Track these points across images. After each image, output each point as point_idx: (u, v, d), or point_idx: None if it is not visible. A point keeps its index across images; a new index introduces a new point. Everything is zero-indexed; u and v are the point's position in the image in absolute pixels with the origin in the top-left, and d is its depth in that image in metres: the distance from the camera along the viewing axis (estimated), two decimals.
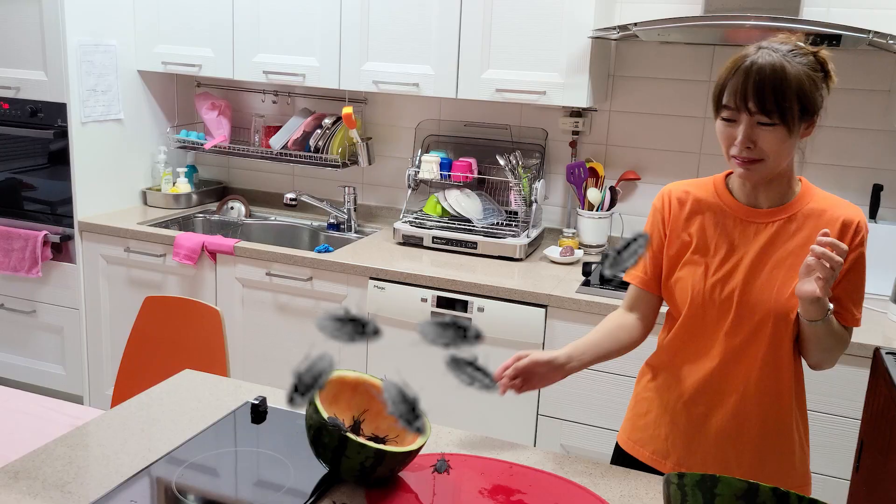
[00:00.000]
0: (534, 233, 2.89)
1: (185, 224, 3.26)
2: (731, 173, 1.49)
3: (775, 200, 1.44)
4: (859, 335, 2.20)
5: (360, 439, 1.25)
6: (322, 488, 1.32)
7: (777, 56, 1.30)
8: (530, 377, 1.47)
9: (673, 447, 1.51)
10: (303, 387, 1.27)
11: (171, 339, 2.16)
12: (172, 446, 1.43)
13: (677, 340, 1.51)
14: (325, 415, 1.26)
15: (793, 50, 1.33)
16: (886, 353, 2.00)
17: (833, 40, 2.27)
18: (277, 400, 1.62)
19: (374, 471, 1.28)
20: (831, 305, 1.35)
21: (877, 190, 2.61)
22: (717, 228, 1.47)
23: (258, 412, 1.56)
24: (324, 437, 1.26)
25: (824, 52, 1.35)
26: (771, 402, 1.45)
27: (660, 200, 1.54)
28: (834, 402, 2.22)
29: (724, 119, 1.35)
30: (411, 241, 2.90)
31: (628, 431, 1.61)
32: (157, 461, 1.37)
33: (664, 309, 1.58)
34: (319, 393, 1.32)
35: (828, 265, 1.25)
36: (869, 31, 2.20)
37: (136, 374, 2.15)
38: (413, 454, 1.31)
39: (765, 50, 1.32)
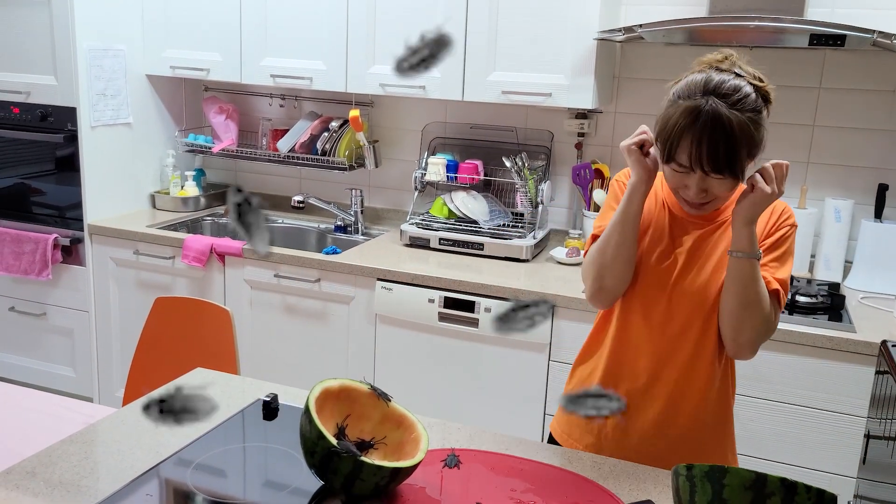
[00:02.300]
0: (540, 234, 2.90)
1: (193, 227, 3.28)
2: None
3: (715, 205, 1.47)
4: (865, 333, 2.21)
5: (376, 461, 1.22)
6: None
7: (725, 111, 1.29)
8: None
9: (606, 442, 1.54)
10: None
11: (181, 339, 2.18)
12: (186, 442, 1.44)
13: (611, 335, 1.54)
14: (333, 441, 1.22)
15: (738, 91, 1.31)
16: (893, 346, 2.01)
17: (837, 40, 2.29)
18: (288, 397, 1.64)
19: (387, 487, 1.27)
20: (760, 251, 1.40)
21: (882, 190, 2.62)
22: (661, 219, 1.51)
23: (270, 409, 1.58)
24: (335, 464, 1.23)
25: (761, 84, 1.36)
26: (702, 395, 1.48)
27: (624, 176, 1.55)
28: (840, 400, 2.23)
29: (675, 170, 1.37)
30: (418, 243, 2.92)
31: (563, 424, 1.64)
32: (171, 457, 1.39)
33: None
34: (314, 412, 1.29)
35: (771, 174, 1.34)
36: (873, 31, 2.21)
37: (147, 374, 2.17)
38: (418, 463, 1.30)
39: (714, 102, 1.30)
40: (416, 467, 1.29)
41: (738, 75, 1.34)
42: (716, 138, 1.30)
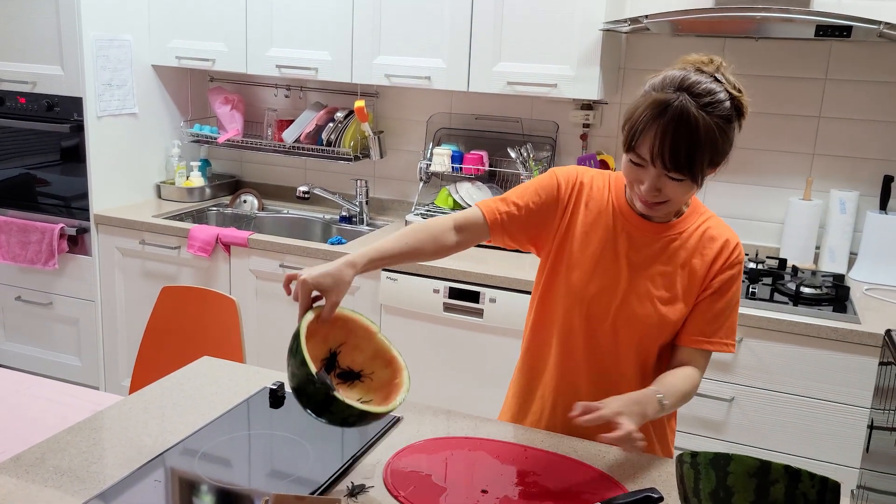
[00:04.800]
0: None
1: (198, 217, 3.29)
2: None
3: (665, 217, 1.45)
4: (869, 325, 2.21)
5: (347, 400, 1.24)
6: (339, 471, 1.34)
7: (694, 110, 1.26)
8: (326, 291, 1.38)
9: (552, 426, 1.56)
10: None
11: (187, 328, 2.19)
12: (193, 429, 1.45)
13: (554, 356, 1.53)
14: (313, 370, 1.25)
15: (711, 95, 1.28)
16: None
17: (844, 31, 2.28)
18: None
19: (353, 425, 1.30)
20: (661, 394, 1.36)
21: (887, 181, 2.62)
22: (605, 234, 1.47)
23: (276, 397, 1.59)
24: (308, 390, 1.26)
25: (738, 94, 1.32)
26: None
27: (569, 177, 1.51)
28: (844, 390, 2.23)
29: (633, 162, 1.34)
30: None
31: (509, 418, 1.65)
32: (178, 443, 1.40)
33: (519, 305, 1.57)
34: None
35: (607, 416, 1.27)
36: (880, 23, 2.21)
37: (153, 363, 2.18)
38: (393, 410, 1.32)
39: (684, 99, 1.27)
40: (384, 415, 1.30)
41: (716, 80, 1.31)
42: (679, 135, 1.27)
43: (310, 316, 1.35)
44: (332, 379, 1.39)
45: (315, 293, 1.38)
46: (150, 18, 3.22)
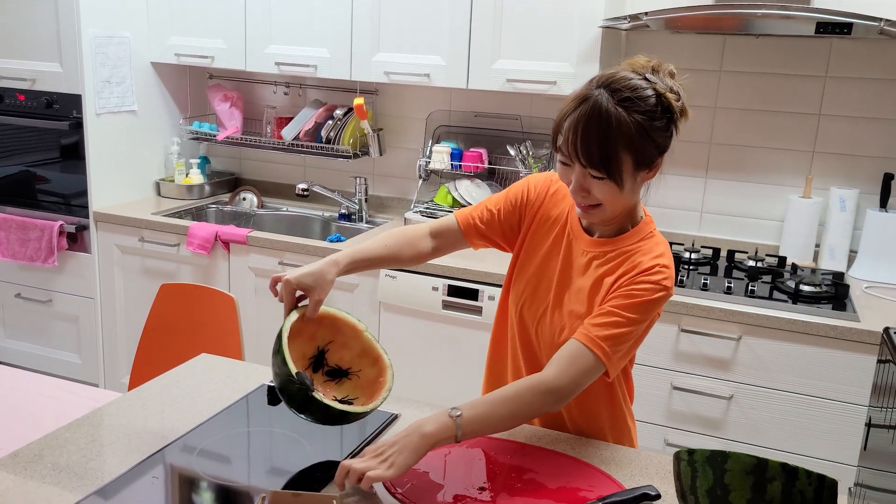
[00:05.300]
0: None
1: (198, 215, 3.29)
2: None
3: (606, 233, 1.41)
4: (868, 323, 2.21)
5: (326, 400, 1.27)
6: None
7: (608, 105, 1.24)
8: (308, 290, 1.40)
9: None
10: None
11: (186, 325, 2.19)
12: (192, 426, 1.46)
13: (501, 350, 1.55)
14: (293, 369, 1.28)
15: (634, 91, 1.26)
16: (895, 332, 2.00)
17: (844, 28, 2.28)
18: None
19: (336, 424, 1.32)
20: (459, 412, 1.24)
21: (888, 179, 2.62)
22: (555, 241, 1.46)
23: (274, 394, 1.59)
24: (290, 389, 1.28)
25: (670, 95, 1.28)
26: (596, 408, 1.49)
27: (539, 186, 1.50)
28: (843, 388, 2.23)
29: (561, 162, 1.33)
30: None
31: None
32: (176, 440, 1.40)
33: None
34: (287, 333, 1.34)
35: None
36: (881, 20, 2.20)
37: (152, 360, 2.18)
38: (374, 410, 1.35)
39: (602, 94, 1.26)
40: (366, 415, 1.33)
41: (646, 79, 1.28)
42: (590, 129, 1.24)
43: (294, 315, 1.38)
44: (321, 377, 1.41)
45: (300, 293, 1.41)
46: (149, 15, 3.22)
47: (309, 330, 1.42)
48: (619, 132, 1.25)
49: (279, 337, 1.32)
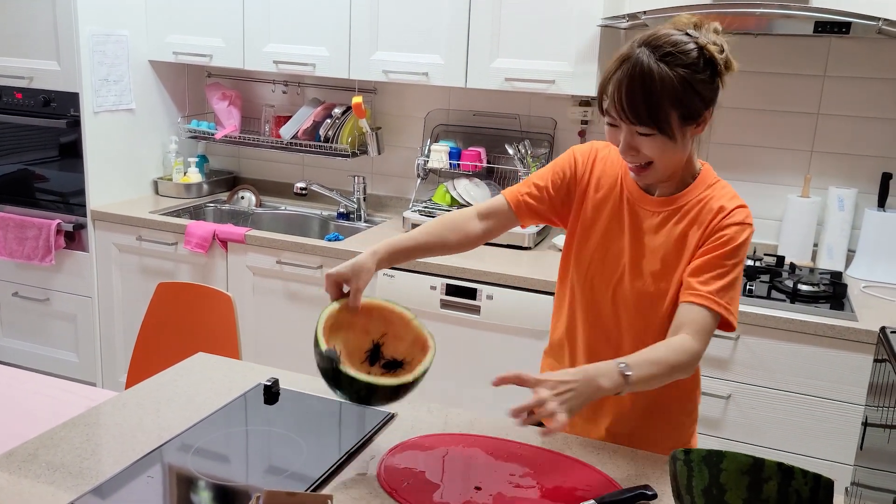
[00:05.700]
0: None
1: (196, 213, 3.29)
2: None
3: (668, 190, 1.43)
4: (866, 322, 2.21)
5: (351, 372, 1.28)
6: (333, 467, 1.34)
7: (649, 61, 1.26)
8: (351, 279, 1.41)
9: (578, 419, 1.55)
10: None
11: (183, 324, 2.19)
12: (188, 425, 1.45)
13: (564, 331, 1.54)
14: (323, 346, 1.30)
15: (675, 46, 1.27)
16: (892, 332, 2.00)
17: (843, 28, 2.27)
18: (289, 382, 1.65)
19: (369, 401, 1.32)
20: (623, 364, 1.25)
21: (886, 178, 2.61)
22: (613, 208, 1.47)
23: (271, 393, 1.59)
24: (322, 366, 1.31)
25: (713, 47, 1.28)
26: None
27: (584, 154, 1.51)
28: (840, 388, 2.23)
29: (609, 124, 1.34)
30: None
31: None
32: (172, 439, 1.40)
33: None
34: (328, 323, 1.36)
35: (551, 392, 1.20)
36: (879, 19, 2.20)
37: (149, 359, 2.18)
38: (406, 386, 1.32)
39: (643, 51, 1.28)
40: (401, 390, 1.31)
41: (689, 35, 1.29)
42: (634, 86, 1.26)
43: (336, 304, 1.40)
44: (378, 369, 1.42)
45: (346, 288, 1.43)
46: (147, 13, 3.22)
47: (361, 323, 1.43)
48: (663, 87, 1.26)
49: (318, 321, 1.35)
